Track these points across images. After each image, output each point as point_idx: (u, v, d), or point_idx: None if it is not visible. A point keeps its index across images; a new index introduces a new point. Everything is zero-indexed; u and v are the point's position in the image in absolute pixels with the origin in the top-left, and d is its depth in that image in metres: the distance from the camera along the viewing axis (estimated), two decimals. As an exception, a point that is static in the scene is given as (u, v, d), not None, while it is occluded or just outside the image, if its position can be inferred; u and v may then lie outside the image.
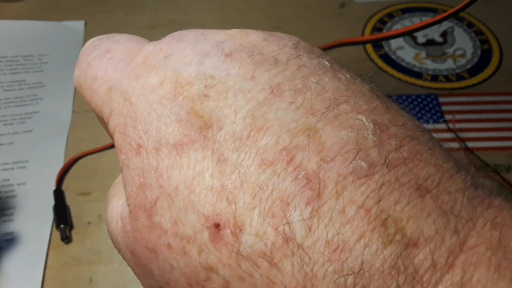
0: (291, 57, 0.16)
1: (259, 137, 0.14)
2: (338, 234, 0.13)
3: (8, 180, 0.38)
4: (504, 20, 0.51)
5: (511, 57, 0.48)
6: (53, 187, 0.38)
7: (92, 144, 0.40)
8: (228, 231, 0.14)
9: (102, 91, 0.18)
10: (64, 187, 0.38)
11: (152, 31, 0.51)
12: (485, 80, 0.46)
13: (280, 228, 0.13)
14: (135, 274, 0.18)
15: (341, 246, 0.13)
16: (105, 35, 0.20)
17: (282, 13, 0.53)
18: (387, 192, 0.13)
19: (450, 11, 0.24)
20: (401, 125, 0.15)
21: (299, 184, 0.13)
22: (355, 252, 0.12)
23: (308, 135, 0.14)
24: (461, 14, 0.51)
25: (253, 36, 0.17)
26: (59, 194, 0.37)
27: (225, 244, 0.14)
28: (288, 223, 0.13)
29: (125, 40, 0.19)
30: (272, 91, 0.15)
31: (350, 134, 0.14)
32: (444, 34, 0.50)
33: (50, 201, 0.37)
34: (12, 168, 0.39)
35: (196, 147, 0.15)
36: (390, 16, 0.52)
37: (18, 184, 0.38)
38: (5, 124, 0.42)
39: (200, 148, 0.15)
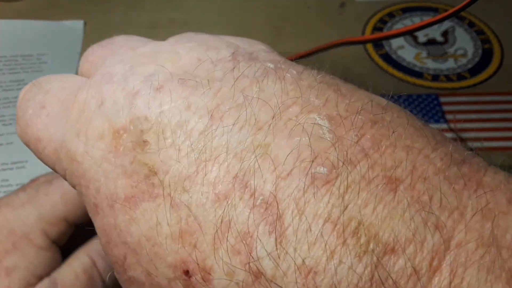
0: (227, 71, 0.15)
1: (208, 169, 0.13)
2: (307, 257, 0.12)
3: (7, 180, 0.38)
4: (505, 19, 0.51)
5: (512, 57, 0.48)
6: (52, 187, 0.38)
7: (92, 144, 0.40)
8: (198, 276, 0.13)
9: (50, 153, 0.17)
10: (63, 187, 0.38)
11: (152, 31, 0.50)
12: (486, 79, 0.46)
13: (247, 265, 0.12)
14: None
15: (313, 269, 0.11)
16: (35, 83, 0.19)
17: (282, 13, 0.53)
18: (353, 195, 0.12)
19: (451, 10, 0.24)
20: (360, 111, 0.14)
21: (259, 211, 0.12)
22: (328, 273, 0.11)
23: (258, 153, 0.13)
24: (462, 13, 0.51)
25: (185, 59, 0.16)
26: (58, 195, 0.37)
27: None
28: (254, 258, 0.12)
29: (57, 89, 0.18)
30: (211, 116, 0.14)
31: (303, 139, 0.13)
32: (445, 34, 0.50)
33: (49, 202, 0.37)
34: (11, 169, 0.39)
35: (146, 197, 0.14)
36: (391, 15, 0.52)
37: (17, 185, 0.38)
38: (4, 124, 0.42)
39: (150, 198, 0.14)
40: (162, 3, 0.54)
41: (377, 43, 0.49)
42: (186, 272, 0.13)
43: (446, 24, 0.50)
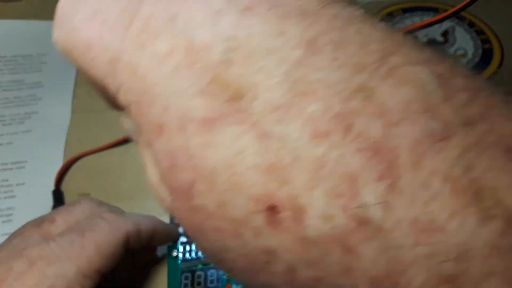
0: (319, 7, 0.13)
1: (304, 103, 0.12)
2: (424, 212, 0.11)
3: (7, 180, 0.38)
4: (505, 19, 0.51)
5: (512, 57, 0.48)
6: (52, 187, 0.38)
7: (91, 145, 0.40)
8: (287, 213, 0.12)
9: (102, 63, 0.15)
10: (63, 187, 0.38)
11: (152, 30, 0.50)
12: (486, 80, 0.46)
13: (351, 209, 0.11)
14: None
15: (430, 227, 0.10)
16: None
17: (282, 12, 0.53)
18: (474, 157, 0.11)
19: (451, 10, 0.24)
20: (463, 76, 0.13)
21: (365, 155, 0.11)
22: (448, 233, 0.10)
23: (363, 95, 0.12)
24: (462, 13, 0.51)
25: None
26: (58, 195, 0.37)
27: (285, 228, 0.12)
28: (359, 202, 0.11)
29: None
30: (307, 47, 0.12)
31: (411, 90, 0.12)
32: (445, 34, 0.50)
33: (49, 202, 0.37)
34: (11, 169, 0.39)
35: (229, 122, 0.12)
36: (391, 15, 0.52)
37: (17, 185, 0.38)
38: (4, 124, 0.42)
39: (234, 123, 0.12)
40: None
41: (377, 43, 0.49)
42: (272, 208, 0.12)
43: (446, 24, 0.51)
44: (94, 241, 0.25)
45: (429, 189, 0.11)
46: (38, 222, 0.27)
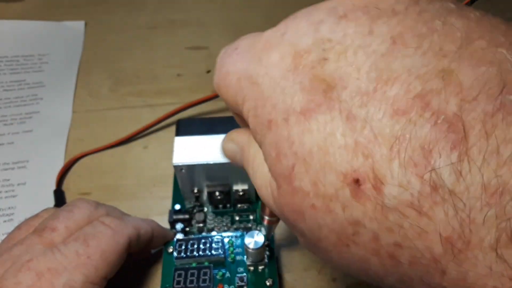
0: (409, 5, 0.15)
1: (387, 88, 0.14)
2: (495, 176, 0.11)
3: (8, 180, 0.38)
4: (504, 20, 0.51)
5: (511, 57, 0.48)
6: (53, 187, 0.38)
7: (92, 144, 0.40)
8: (369, 185, 0.13)
9: (234, 83, 0.19)
10: (64, 187, 0.38)
11: (152, 31, 0.51)
12: None
13: (426, 176, 0.12)
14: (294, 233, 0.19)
15: (500, 189, 0.11)
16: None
17: (282, 13, 0.52)
18: None
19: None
20: None
21: (440, 129, 0.12)
22: None
23: (442, 77, 0.13)
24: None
25: None
26: (59, 194, 0.37)
27: (367, 198, 0.14)
28: (434, 169, 0.12)
29: (251, 35, 0.19)
30: (393, 41, 0.14)
31: (490, 69, 0.13)
32: (444, 34, 0.50)
33: (51, 201, 0.37)
34: (12, 168, 0.39)
35: (322, 110, 0.15)
36: (390, 16, 0.52)
37: (18, 184, 0.38)
38: (5, 124, 0.42)
39: (326, 110, 0.15)
40: (162, 3, 0.54)
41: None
42: (356, 181, 0.14)
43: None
44: (99, 249, 0.26)
45: (500, 156, 0.12)
46: (39, 230, 0.27)
